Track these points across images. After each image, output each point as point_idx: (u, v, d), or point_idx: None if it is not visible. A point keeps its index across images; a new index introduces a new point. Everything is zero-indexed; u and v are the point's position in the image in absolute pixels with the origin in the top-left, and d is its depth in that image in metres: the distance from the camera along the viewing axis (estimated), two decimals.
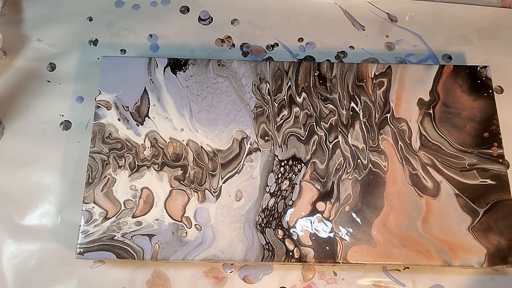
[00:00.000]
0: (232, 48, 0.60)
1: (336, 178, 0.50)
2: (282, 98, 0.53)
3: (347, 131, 0.52)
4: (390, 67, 0.55)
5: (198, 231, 0.48)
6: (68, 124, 0.56)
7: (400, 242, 0.48)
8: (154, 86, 0.53)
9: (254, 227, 0.48)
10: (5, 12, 0.61)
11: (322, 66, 0.55)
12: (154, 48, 0.60)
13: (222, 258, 0.47)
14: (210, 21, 0.62)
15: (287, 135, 0.52)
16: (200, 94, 0.53)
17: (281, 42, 0.61)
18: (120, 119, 0.52)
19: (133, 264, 0.51)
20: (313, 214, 0.49)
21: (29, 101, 0.57)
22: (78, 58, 0.59)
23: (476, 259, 0.47)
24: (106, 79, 0.53)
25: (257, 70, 0.54)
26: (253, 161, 0.51)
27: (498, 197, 0.50)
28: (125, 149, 0.51)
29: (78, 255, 0.47)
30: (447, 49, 0.60)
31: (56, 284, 0.50)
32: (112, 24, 0.61)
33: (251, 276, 0.51)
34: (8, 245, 0.51)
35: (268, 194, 0.49)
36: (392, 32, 0.61)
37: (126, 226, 0.48)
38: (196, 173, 0.50)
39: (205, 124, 0.52)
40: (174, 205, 0.49)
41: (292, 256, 0.47)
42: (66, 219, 0.52)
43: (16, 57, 0.59)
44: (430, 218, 0.49)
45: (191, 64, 0.54)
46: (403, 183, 0.50)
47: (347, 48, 0.60)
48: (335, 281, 0.51)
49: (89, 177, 0.50)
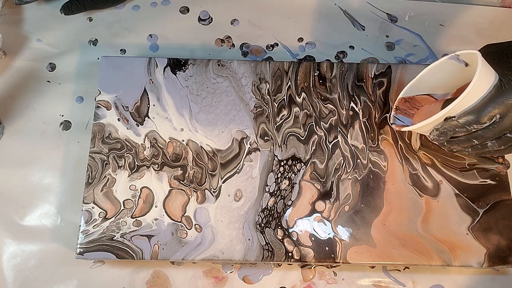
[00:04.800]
0: (232, 48, 0.60)
1: (335, 178, 0.50)
2: (282, 98, 0.53)
3: (346, 131, 0.52)
4: (390, 67, 0.55)
5: (198, 232, 0.48)
6: (68, 124, 0.56)
7: (400, 242, 0.48)
8: (154, 86, 0.53)
9: (253, 227, 0.48)
10: (5, 12, 0.61)
11: (322, 66, 0.55)
12: (154, 48, 0.60)
13: (222, 258, 0.47)
14: (210, 21, 0.62)
15: (286, 135, 0.52)
16: (200, 94, 0.53)
17: (281, 42, 0.61)
18: (120, 119, 0.52)
19: (132, 264, 0.51)
20: (313, 214, 0.49)
21: (29, 101, 0.57)
22: (78, 58, 0.59)
23: (476, 259, 0.47)
24: (106, 79, 0.53)
25: (257, 70, 0.54)
26: (252, 161, 0.51)
27: (498, 197, 0.49)
28: (125, 149, 0.51)
29: (78, 255, 0.47)
30: (447, 49, 0.60)
31: (56, 284, 0.50)
32: (112, 24, 0.61)
33: (251, 276, 0.51)
34: (8, 245, 0.51)
35: (267, 193, 0.49)
36: (392, 32, 0.61)
37: (125, 226, 0.48)
38: (196, 173, 0.50)
39: (205, 124, 0.52)
40: (173, 205, 0.49)
41: (292, 256, 0.47)
42: (66, 219, 0.52)
43: (16, 57, 0.59)
44: (430, 218, 0.49)
45: (191, 64, 0.54)
46: (403, 183, 0.50)
47: (347, 48, 0.60)
48: (335, 281, 0.51)
49: (89, 177, 0.50)
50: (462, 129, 0.42)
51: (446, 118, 0.43)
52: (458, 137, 0.44)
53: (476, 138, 0.42)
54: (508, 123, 0.40)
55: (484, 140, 0.42)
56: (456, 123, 0.42)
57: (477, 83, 0.40)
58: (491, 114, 0.40)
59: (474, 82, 0.40)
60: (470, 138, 0.43)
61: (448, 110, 0.41)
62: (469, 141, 0.43)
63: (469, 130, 0.42)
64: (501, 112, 0.40)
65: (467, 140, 0.43)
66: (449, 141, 0.44)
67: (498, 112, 0.40)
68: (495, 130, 0.41)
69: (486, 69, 0.41)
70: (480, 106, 0.41)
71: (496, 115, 0.40)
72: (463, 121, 0.42)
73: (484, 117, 0.41)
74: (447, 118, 0.42)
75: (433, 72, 0.47)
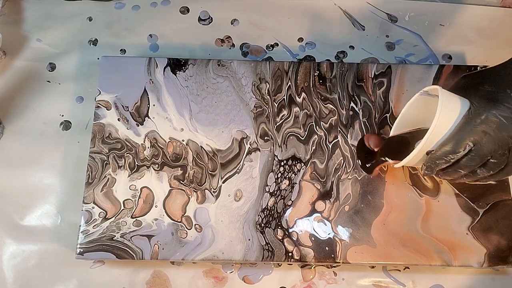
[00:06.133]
0: (232, 48, 0.60)
1: (335, 178, 0.50)
2: (282, 98, 0.53)
3: (346, 131, 0.52)
4: (390, 67, 0.55)
5: (198, 232, 0.48)
6: (68, 124, 0.56)
7: (400, 242, 0.48)
8: (154, 86, 0.53)
9: (253, 227, 0.48)
10: (5, 12, 0.61)
11: (322, 66, 0.55)
12: (154, 48, 0.60)
13: (222, 258, 0.47)
14: (210, 21, 0.62)
15: (286, 135, 0.52)
16: (200, 94, 0.53)
17: (281, 42, 0.61)
18: (120, 119, 0.52)
19: (133, 264, 0.51)
20: (313, 214, 0.49)
21: (29, 101, 0.57)
22: (78, 58, 0.59)
23: (475, 259, 0.47)
24: (106, 79, 0.53)
25: (257, 70, 0.54)
26: (252, 161, 0.51)
27: (498, 197, 0.49)
28: (125, 149, 0.51)
29: (78, 255, 0.47)
30: (447, 49, 0.60)
31: (56, 284, 0.50)
32: (112, 24, 0.61)
33: (251, 276, 0.51)
34: (8, 245, 0.51)
35: (267, 193, 0.49)
36: (392, 32, 0.61)
37: (125, 226, 0.48)
38: (196, 173, 0.50)
39: (205, 124, 0.52)
40: (173, 205, 0.49)
41: (292, 256, 0.47)
42: (66, 219, 0.52)
43: (16, 57, 0.59)
44: (430, 218, 0.49)
45: (191, 64, 0.54)
46: (403, 183, 0.50)
47: (347, 48, 0.60)
48: (335, 281, 0.51)
49: (89, 177, 0.50)
50: (442, 161, 0.41)
51: (427, 152, 0.42)
52: (446, 169, 0.43)
53: (461, 168, 0.42)
54: (485, 149, 0.40)
55: (471, 169, 0.42)
56: (436, 156, 0.41)
57: (443, 114, 0.40)
58: (464, 143, 0.40)
59: (438, 115, 0.40)
60: (456, 169, 0.42)
61: (422, 144, 0.41)
62: (457, 172, 0.42)
63: (449, 161, 0.41)
64: (473, 140, 0.40)
65: (454, 171, 0.42)
66: (441, 173, 0.44)
67: (470, 140, 0.40)
68: (476, 158, 0.40)
69: (449, 100, 0.41)
70: (452, 136, 0.40)
71: (468, 144, 0.40)
72: (440, 153, 0.41)
73: (457, 147, 0.40)
74: (428, 152, 0.42)
75: (412, 108, 0.47)
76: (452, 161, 0.41)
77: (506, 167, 0.41)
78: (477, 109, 0.40)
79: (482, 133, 0.39)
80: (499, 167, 0.41)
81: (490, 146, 0.39)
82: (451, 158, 0.41)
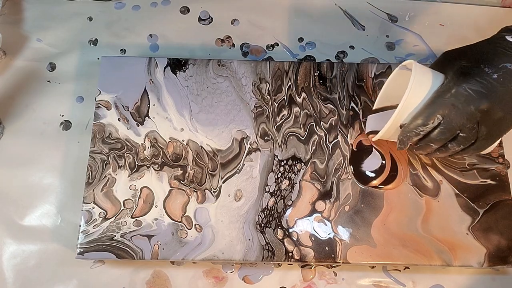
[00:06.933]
0: (232, 48, 0.60)
1: (335, 178, 0.50)
2: (282, 98, 0.53)
3: (347, 131, 0.52)
4: (390, 67, 0.55)
5: (198, 231, 0.48)
6: (68, 124, 0.56)
7: (400, 242, 0.48)
8: (154, 86, 0.53)
9: (253, 227, 0.48)
10: (5, 12, 0.61)
11: (322, 66, 0.55)
12: (154, 48, 0.60)
13: (222, 258, 0.47)
14: (210, 21, 0.62)
15: (287, 135, 0.52)
16: (200, 94, 0.53)
17: (281, 42, 0.61)
18: (120, 119, 0.52)
19: (133, 264, 0.51)
20: (313, 214, 0.49)
21: (29, 101, 0.57)
22: (78, 58, 0.59)
23: (476, 259, 0.47)
24: (106, 79, 0.53)
25: (257, 70, 0.54)
26: (252, 161, 0.51)
27: (498, 197, 0.50)
28: (125, 149, 0.51)
29: (78, 255, 0.47)
30: (447, 49, 0.60)
31: (56, 284, 0.50)
32: (112, 24, 0.61)
33: (251, 276, 0.51)
34: (8, 245, 0.51)
35: (268, 193, 0.49)
36: (392, 32, 0.61)
37: (125, 226, 0.48)
38: (196, 173, 0.50)
39: (205, 124, 0.52)
40: (173, 205, 0.49)
41: (292, 256, 0.47)
42: (66, 219, 0.52)
43: (16, 57, 0.59)
44: (430, 218, 0.49)
45: (191, 64, 0.54)
46: (403, 183, 0.50)
47: (347, 48, 0.60)
48: (335, 281, 0.51)
49: (89, 177, 0.50)
50: (413, 134, 0.42)
51: (400, 125, 0.43)
52: (418, 143, 0.43)
53: (432, 142, 0.42)
54: (454, 122, 0.40)
55: (442, 143, 0.42)
56: (408, 129, 0.42)
57: (414, 87, 0.41)
58: (433, 116, 0.40)
59: (409, 88, 0.41)
60: (428, 143, 0.42)
61: (394, 117, 0.42)
62: (428, 145, 0.43)
63: (419, 134, 0.42)
64: (442, 113, 0.40)
65: (426, 145, 0.43)
66: (415, 148, 0.44)
67: (439, 113, 0.40)
68: (445, 132, 0.41)
69: (422, 74, 0.41)
70: (423, 109, 0.41)
71: (437, 116, 0.40)
72: (412, 126, 0.42)
73: (427, 120, 0.40)
74: (401, 125, 0.43)
75: (393, 83, 0.47)
76: (422, 133, 0.42)
77: (476, 142, 0.41)
78: (449, 82, 0.40)
79: (451, 106, 0.40)
80: (469, 142, 0.41)
81: (459, 119, 0.40)
82: (421, 131, 0.41)
